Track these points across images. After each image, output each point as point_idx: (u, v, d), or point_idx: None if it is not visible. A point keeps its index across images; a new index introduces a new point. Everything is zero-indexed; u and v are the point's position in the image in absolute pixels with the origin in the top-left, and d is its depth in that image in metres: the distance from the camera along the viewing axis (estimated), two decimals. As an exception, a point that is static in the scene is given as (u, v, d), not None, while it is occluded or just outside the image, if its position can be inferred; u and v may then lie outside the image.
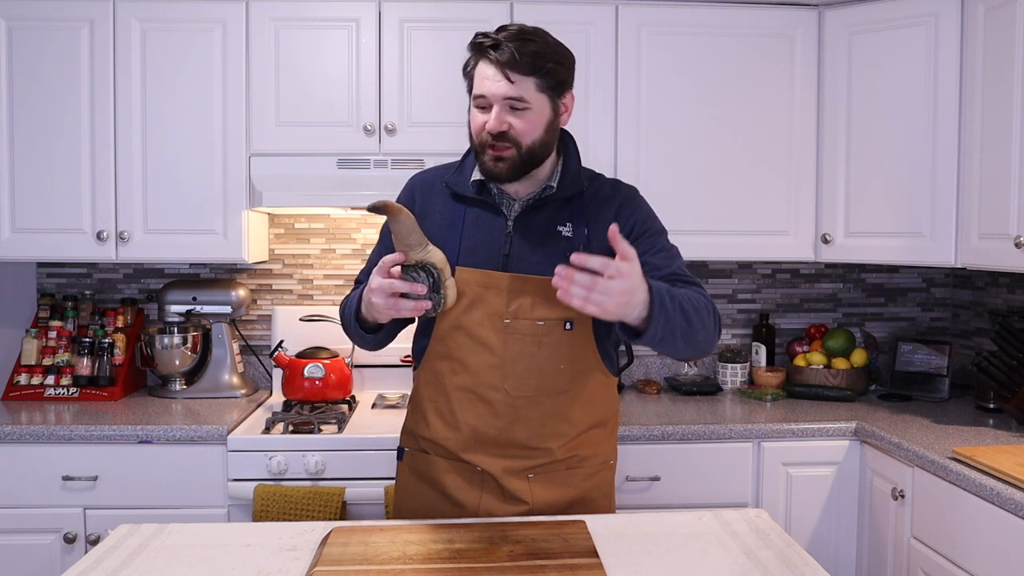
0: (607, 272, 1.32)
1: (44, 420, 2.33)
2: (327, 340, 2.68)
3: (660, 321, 1.41)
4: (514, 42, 1.55)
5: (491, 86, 1.55)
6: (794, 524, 2.39)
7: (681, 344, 1.48)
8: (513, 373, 1.61)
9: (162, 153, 2.54)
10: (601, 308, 1.34)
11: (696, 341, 1.51)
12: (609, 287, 1.32)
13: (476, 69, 1.59)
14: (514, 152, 1.57)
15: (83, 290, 2.86)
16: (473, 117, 1.61)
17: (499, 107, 1.56)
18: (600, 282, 1.32)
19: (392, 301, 1.49)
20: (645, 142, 2.62)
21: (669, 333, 1.43)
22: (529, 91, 1.56)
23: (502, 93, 1.55)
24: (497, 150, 1.57)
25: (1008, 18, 2.19)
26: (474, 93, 1.59)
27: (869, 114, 2.56)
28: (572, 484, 1.67)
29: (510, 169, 1.58)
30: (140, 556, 1.39)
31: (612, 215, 1.65)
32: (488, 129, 1.56)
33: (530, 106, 1.57)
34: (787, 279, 3.07)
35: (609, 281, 1.32)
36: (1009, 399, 2.37)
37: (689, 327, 1.47)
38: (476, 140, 1.60)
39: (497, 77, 1.55)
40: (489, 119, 1.56)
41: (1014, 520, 1.76)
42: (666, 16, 2.61)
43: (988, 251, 2.28)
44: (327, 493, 2.18)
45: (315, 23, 2.55)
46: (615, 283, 1.32)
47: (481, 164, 1.61)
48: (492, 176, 1.60)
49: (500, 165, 1.58)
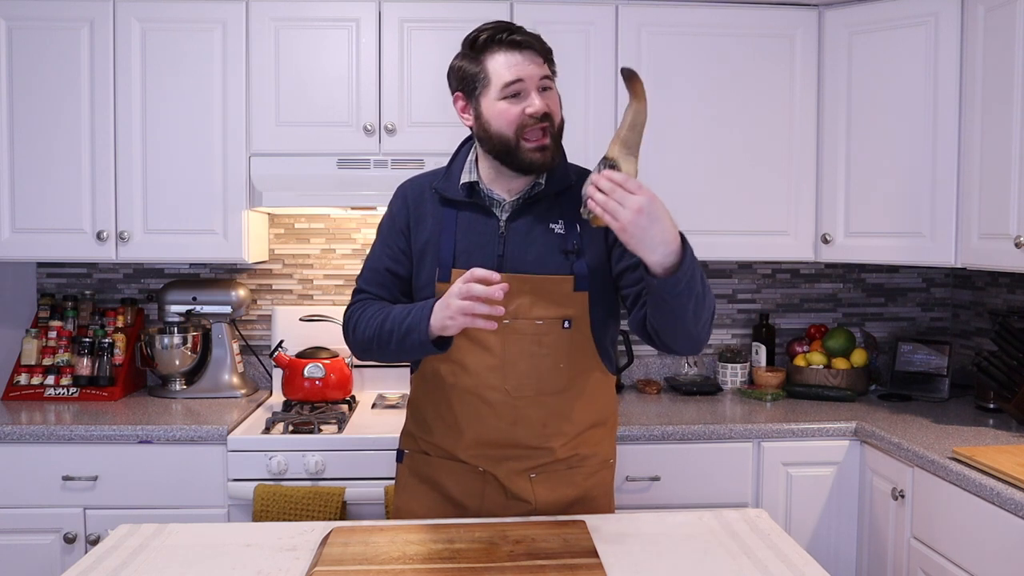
0: (627, 185, 1.37)
1: (44, 420, 2.33)
2: (327, 340, 2.68)
3: (689, 269, 1.41)
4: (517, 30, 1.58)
5: (527, 69, 1.55)
6: (794, 524, 2.39)
7: (691, 311, 1.46)
8: (513, 373, 1.61)
9: (162, 153, 2.54)
10: (615, 218, 1.36)
11: (700, 317, 1.50)
12: (627, 199, 1.36)
13: (492, 62, 1.56)
14: (550, 137, 1.58)
15: (83, 290, 2.86)
16: (503, 111, 1.56)
17: (536, 90, 1.56)
18: (618, 191, 1.36)
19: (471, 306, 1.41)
20: (645, 142, 2.60)
21: (689, 288, 1.43)
22: (548, 71, 1.60)
23: (539, 73, 1.56)
24: (536, 138, 1.56)
25: (1008, 18, 2.19)
26: (503, 82, 1.55)
27: (869, 114, 2.56)
28: (573, 483, 1.67)
29: (553, 156, 1.59)
30: (140, 556, 1.39)
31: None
32: (536, 111, 1.55)
33: (554, 85, 1.60)
34: (787, 279, 3.07)
35: (628, 194, 1.36)
36: (1009, 399, 2.37)
37: (704, 296, 1.48)
38: (512, 132, 1.56)
39: (529, 60, 1.56)
40: (531, 102, 1.55)
41: (1014, 520, 1.76)
42: (666, 16, 2.61)
43: (988, 251, 2.27)
44: (327, 493, 2.18)
45: (315, 23, 2.55)
46: (633, 197, 1.36)
47: (520, 159, 1.58)
48: (537, 167, 1.59)
49: (546, 154, 1.58)
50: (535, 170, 1.60)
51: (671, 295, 1.44)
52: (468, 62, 1.60)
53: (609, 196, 1.37)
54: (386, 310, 1.62)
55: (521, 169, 1.59)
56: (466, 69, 1.60)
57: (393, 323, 1.57)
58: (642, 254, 1.41)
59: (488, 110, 1.58)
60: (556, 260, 1.62)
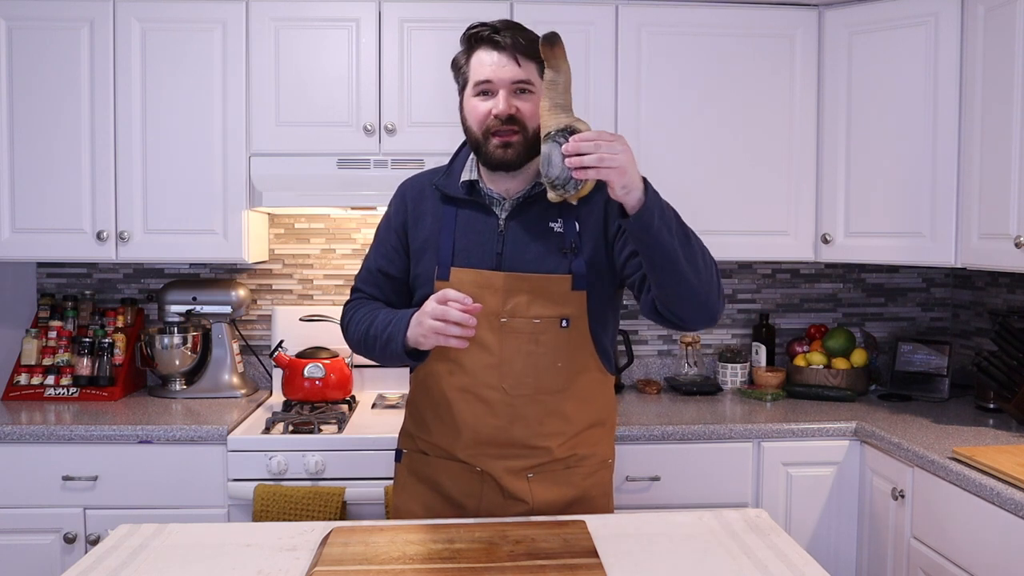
0: (603, 137, 1.37)
1: (44, 420, 2.33)
2: (327, 340, 2.68)
3: (656, 207, 1.41)
4: (511, 29, 1.58)
5: (497, 71, 1.56)
6: (794, 524, 2.39)
7: (680, 250, 1.45)
8: (511, 372, 1.61)
9: (162, 153, 2.54)
10: (615, 163, 1.36)
11: (696, 265, 1.48)
12: (614, 146, 1.37)
13: (474, 59, 1.60)
14: (520, 137, 1.58)
15: (83, 290, 2.86)
16: (473, 107, 1.60)
17: (505, 91, 1.57)
18: (603, 144, 1.37)
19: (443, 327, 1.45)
20: (644, 142, 2.61)
21: (666, 226, 1.43)
22: (533, 75, 1.59)
23: (510, 77, 1.56)
24: (503, 136, 1.57)
25: (1008, 18, 2.19)
26: (475, 80, 1.59)
27: (869, 114, 2.56)
28: (571, 483, 1.67)
29: (517, 155, 1.58)
30: (140, 556, 1.39)
31: (602, 207, 1.65)
32: (497, 113, 1.56)
33: (535, 90, 1.59)
34: (787, 279, 3.07)
35: (612, 142, 1.37)
36: (1009, 399, 2.37)
37: (687, 239, 1.47)
38: (479, 130, 1.60)
39: (503, 62, 1.56)
40: (496, 103, 1.56)
41: (1014, 520, 1.76)
42: (666, 16, 2.61)
43: (988, 251, 2.27)
44: (327, 493, 2.18)
45: (315, 23, 2.55)
46: (618, 144, 1.37)
47: (486, 155, 1.60)
48: (500, 163, 1.59)
49: (508, 151, 1.58)
50: (498, 166, 1.60)
51: (653, 230, 1.42)
52: (460, 56, 1.65)
53: (598, 152, 1.37)
54: (372, 315, 1.66)
55: (488, 165, 1.62)
56: (458, 62, 1.65)
57: (376, 330, 1.62)
58: (633, 193, 1.41)
59: (465, 104, 1.63)
60: (554, 259, 1.62)
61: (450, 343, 1.46)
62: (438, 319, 1.45)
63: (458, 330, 1.44)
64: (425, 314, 1.48)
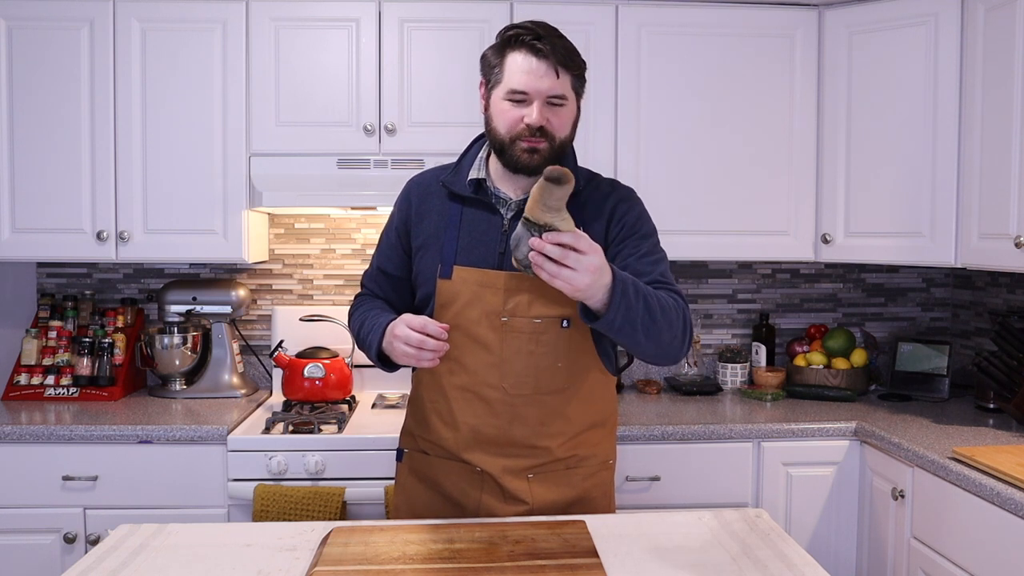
0: (579, 246, 1.33)
1: (44, 420, 2.33)
2: (327, 340, 2.68)
3: (620, 308, 1.40)
4: (552, 37, 1.57)
5: (535, 81, 1.55)
6: (794, 524, 2.39)
7: (643, 338, 1.46)
8: (511, 371, 1.61)
9: (162, 153, 2.54)
10: (570, 284, 1.34)
11: (660, 341, 1.48)
12: (581, 261, 1.33)
13: (509, 60, 1.58)
14: (547, 146, 1.58)
15: (83, 290, 2.86)
16: (504, 111, 1.58)
17: (539, 102, 1.56)
18: (571, 256, 1.33)
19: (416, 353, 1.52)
20: (645, 142, 2.61)
21: (629, 323, 1.42)
22: (567, 88, 1.59)
23: (547, 89, 1.56)
24: (532, 142, 1.57)
25: (1008, 18, 2.19)
26: (510, 87, 1.57)
27: (869, 114, 2.56)
28: (571, 484, 1.67)
29: (543, 160, 1.58)
30: (140, 556, 1.39)
31: (607, 213, 1.66)
32: (530, 123, 1.56)
33: (567, 103, 1.59)
34: (787, 279, 3.07)
35: (581, 255, 1.33)
36: (1009, 399, 2.37)
37: (652, 322, 1.45)
38: (507, 134, 1.59)
39: (541, 71, 1.55)
40: (530, 113, 1.56)
41: (1014, 520, 1.76)
42: (666, 16, 2.61)
43: (988, 251, 2.27)
44: (327, 493, 2.18)
45: (315, 23, 2.55)
46: (587, 258, 1.34)
47: (511, 156, 1.60)
48: (524, 167, 1.59)
49: (535, 157, 1.58)
50: (523, 170, 1.60)
51: (612, 331, 1.44)
52: (493, 52, 1.62)
53: (561, 262, 1.33)
54: (364, 316, 1.71)
55: (511, 167, 1.61)
56: (490, 59, 1.62)
57: (364, 332, 1.68)
58: (591, 301, 1.40)
59: (495, 105, 1.61)
60: None
61: (422, 364, 1.53)
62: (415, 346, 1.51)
63: (430, 356, 1.51)
64: (399, 340, 1.53)
